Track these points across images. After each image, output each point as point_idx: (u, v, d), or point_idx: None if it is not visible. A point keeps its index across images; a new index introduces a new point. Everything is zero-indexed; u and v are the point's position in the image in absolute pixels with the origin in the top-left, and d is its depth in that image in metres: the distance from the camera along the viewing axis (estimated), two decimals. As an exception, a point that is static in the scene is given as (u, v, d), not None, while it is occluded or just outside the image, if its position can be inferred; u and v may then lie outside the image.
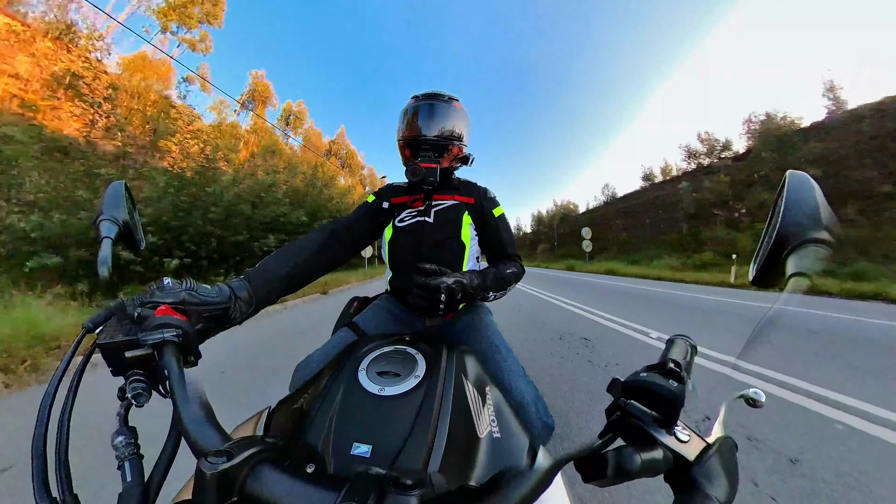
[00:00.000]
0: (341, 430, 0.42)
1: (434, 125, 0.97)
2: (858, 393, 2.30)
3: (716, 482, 0.28)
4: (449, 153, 1.01)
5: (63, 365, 0.40)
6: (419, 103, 1.01)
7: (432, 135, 0.97)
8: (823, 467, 1.54)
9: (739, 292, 8.81)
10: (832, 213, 0.36)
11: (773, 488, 1.40)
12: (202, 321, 0.53)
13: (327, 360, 0.67)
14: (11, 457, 1.63)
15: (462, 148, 1.04)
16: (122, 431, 0.37)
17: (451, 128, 0.99)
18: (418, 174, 0.92)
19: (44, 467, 0.34)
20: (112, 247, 0.50)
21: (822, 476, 1.49)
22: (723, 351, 3.26)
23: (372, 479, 0.26)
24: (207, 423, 0.32)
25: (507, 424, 0.52)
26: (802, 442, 1.77)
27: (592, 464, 0.30)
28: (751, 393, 0.40)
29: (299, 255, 0.82)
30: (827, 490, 1.40)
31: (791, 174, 0.39)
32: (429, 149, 0.98)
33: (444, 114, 0.99)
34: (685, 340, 0.42)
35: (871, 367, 2.80)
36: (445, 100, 1.02)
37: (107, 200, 0.55)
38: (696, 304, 6.92)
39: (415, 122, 0.99)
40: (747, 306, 6.13)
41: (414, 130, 0.99)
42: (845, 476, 1.48)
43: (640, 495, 1.35)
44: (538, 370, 2.86)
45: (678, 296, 8.23)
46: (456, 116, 1.01)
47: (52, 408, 0.37)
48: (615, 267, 21.64)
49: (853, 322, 4.69)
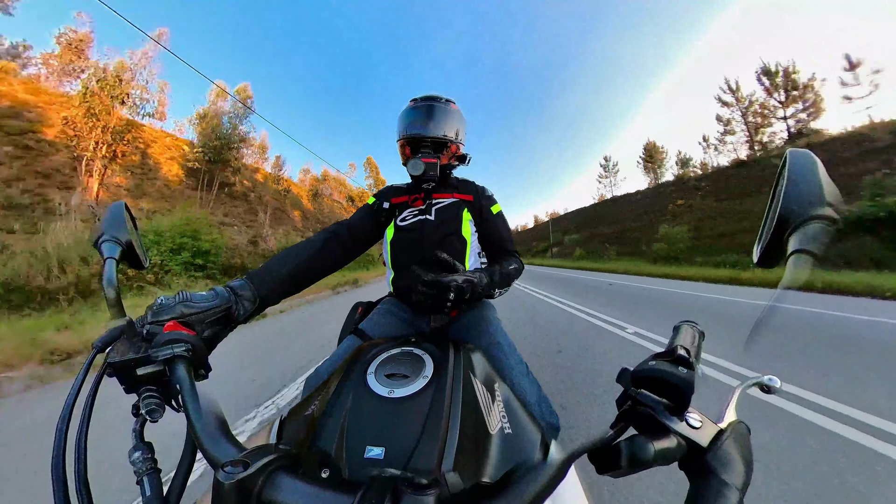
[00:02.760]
0: (353, 435, 0.42)
1: (432, 125, 1.00)
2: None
3: (731, 467, 0.28)
4: (447, 151, 1.04)
5: (76, 386, 0.40)
6: (418, 105, 1.04)
7: (430, 134, 1.00)
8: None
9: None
10: (836, 189, 0.35)
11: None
12: (208, 327, 0.54)
13: (335, 369, 0.68)
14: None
15: (459, 147, 1.07)
16: (139, 447, 0.37)
17: (448, 127, 1.02)
18: (418, 168, 0.95)
19: (64, 488, 0.34)
20: (116, 266, 0.50)
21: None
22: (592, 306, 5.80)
23: (387, 481, 0.26)
24: (221, 434, 0.32)
25: (517, 420, 0.52)
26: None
27: (606, 455, 0.30)
28: (765, 379, 0.39)
29: (301, 256, 0.84)
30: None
31: (792, 152, 0.38)
32: (428, 146, 1.01)
33: (441, 114, 1.01)
34: (692, 326, 0.42)
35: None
36: (443, 101, 1.05)
37: (107, 221, 0.55)
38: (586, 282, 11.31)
39: (414, 122, 1.02)
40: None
41: (413, 130, 1.02)
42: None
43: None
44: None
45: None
46: (452, 117, 1.04)
47: (69, 428, 0.38)
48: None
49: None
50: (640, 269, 16.40)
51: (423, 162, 0.95)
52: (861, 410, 1.93)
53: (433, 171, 0.96)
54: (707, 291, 7.81)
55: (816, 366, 2.66)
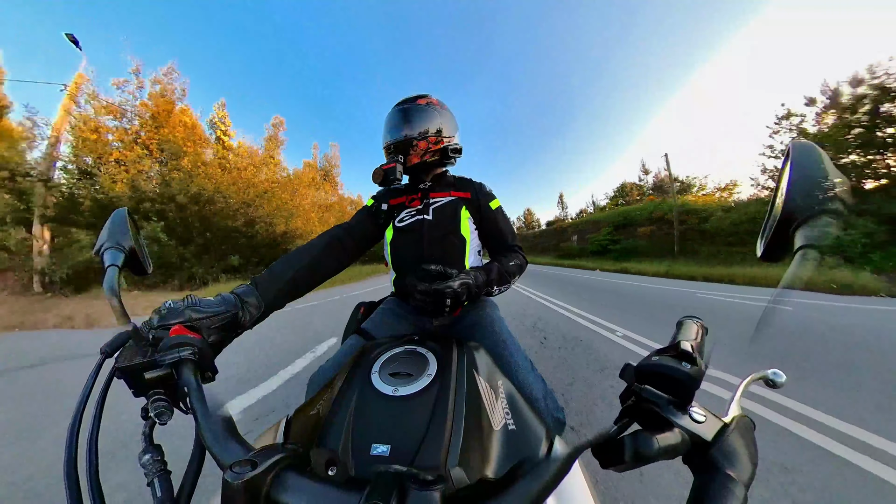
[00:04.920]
0: (359, 433, 0.43)
1: (401, 128, 0.99)
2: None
3: (735, 461, 0.28)
4: (415, 149, 0.99)
5: (85, 391, 0.41)
6: (391, 111, 1.04)
7: (394, 139, 1.00)
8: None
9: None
10: (843, 180, 0.34)
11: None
12: (214, 332, 0.55)
13: (340, 368, 0.68)
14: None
15: (433, 140, 1.01)
16: (149, 450, 0.38)
17: (417, 125, 0.99)
18: (378, 176, 0.96)
19: (77, 491, 0.35)
20: (118, 274, 0.50)
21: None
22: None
23: (393, 478, 0.26)
24: (229, 435, 0.33)
25: (521, 416, 0.52)
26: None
27: (610, 450, 0.30)
28: (770, 374, 0.39)
29: (303, 260, 0.84)
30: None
31: (794, 144, 0.38)
32: (392, 150, 1.00)
33: (411, 115, 0.99)
34: (696, 321, 0.42)
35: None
36: (413, 101, 1.03)
37: (110, 228, 0.55)
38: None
39: (388, 129, 1.02)
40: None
41: (386, 137, 1.02)
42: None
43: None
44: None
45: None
46: (423, 114, 1.00)
47: (80, 433, 0.38)
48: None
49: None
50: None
51: (383, 169, 0.95)
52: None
53: (392, 175, 0.95)
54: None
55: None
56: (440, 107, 1.05)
